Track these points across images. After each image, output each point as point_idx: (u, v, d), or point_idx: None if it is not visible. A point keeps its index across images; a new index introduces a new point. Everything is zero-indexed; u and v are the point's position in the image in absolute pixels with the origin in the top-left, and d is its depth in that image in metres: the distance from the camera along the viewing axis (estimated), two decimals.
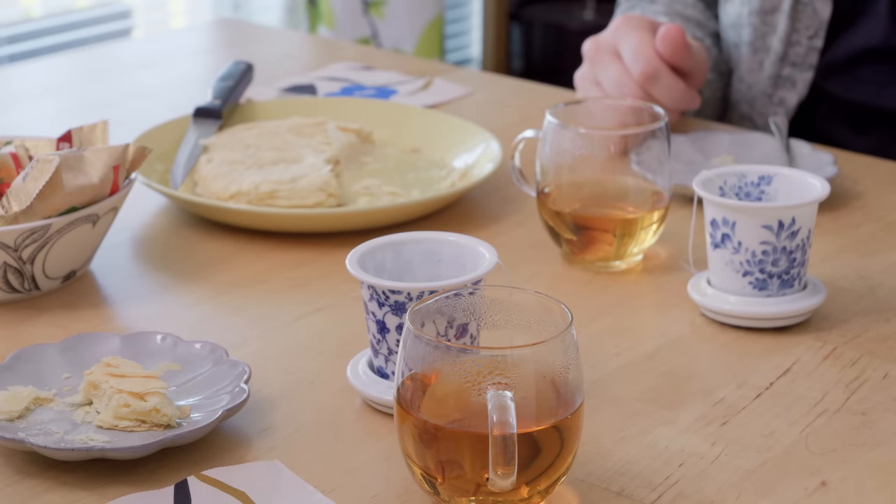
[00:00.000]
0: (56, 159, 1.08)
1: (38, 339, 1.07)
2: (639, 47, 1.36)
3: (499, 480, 0.80)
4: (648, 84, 1.35)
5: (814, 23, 1.49)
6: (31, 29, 3.07)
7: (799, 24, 1.49)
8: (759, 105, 1.54)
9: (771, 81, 1.51)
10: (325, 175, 1.27)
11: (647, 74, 1.35)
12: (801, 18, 1.49)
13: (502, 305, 0.88)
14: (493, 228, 1.27)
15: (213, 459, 0.91)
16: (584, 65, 1.42)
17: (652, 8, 1.58)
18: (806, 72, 1.50)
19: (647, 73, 1.35)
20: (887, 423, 0.97)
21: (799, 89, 1.52)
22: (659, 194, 1.18)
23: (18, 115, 1.57)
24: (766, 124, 1.54)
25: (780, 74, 1.51)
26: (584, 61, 1.41)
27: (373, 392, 0.96)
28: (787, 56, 1.49)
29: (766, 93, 1.52)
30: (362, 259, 0.97)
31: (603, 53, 1.38)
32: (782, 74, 1.50)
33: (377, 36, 3.36)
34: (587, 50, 1.40)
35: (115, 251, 1.22)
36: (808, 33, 1.49)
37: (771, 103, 1.53)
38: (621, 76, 1.37)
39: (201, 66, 1.76)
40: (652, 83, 1.36)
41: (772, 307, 1.08)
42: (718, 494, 0.89)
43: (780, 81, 1.51)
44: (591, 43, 1.40)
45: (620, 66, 1.37)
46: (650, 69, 1.35)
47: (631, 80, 1.36)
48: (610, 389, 1.00)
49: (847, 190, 1.35)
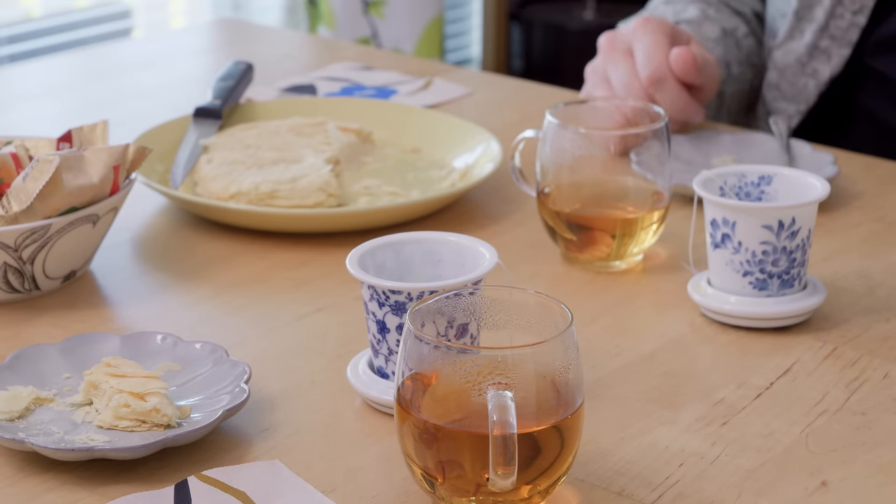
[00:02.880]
0: (56, 159, 1.08)
1: (38, 339, 1.07)
2: (651, 50, 1.37)
3: (499, 480, 0.80)
4: (653, 88, 1.37)
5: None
6: (31, 29, 3.07)
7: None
8: (790, 73, 1.54)
9: (807, 50, 1.52)
10: (325, 175, 1.27)
11: (653, 79, 1.37)
12: None
13: (502, 305, 0.88)
14: (493, 228, 1.27)
15: (213, 459, 0.91)
16: (597, 57, 1.43)
17: None
18: (844, 48, 1.50)
19: (654, 78, 1.37)
20: (887, 423, 0.97)
21: (833, 63, 1.52)
22: (659, 194, 1.18)
23: (18, 115, 1.57)
24: (795, 93, 1.54)
25: (817, 45, 1.51)
26: (599, 54, 1.42)
27: (373, 392, 0.96)
28: (827, 27, 1.50)
29: (800, 61, 1.53)
30: (362, 259, 0.97)
31: (617, 50, 1.40)
32: (820, 45, 1.51)
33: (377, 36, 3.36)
34: (603, 43, 1.41)
35: (115, 251, 1.22)
36: (853, 7, 1.49)
37: (803, 73, 1.53)
38: (630, 76, 1.38)
39: (201, 66, 1.76)
40: (657, 88, 1.37)
41: (772, 307, 1.08)
42: (718, 494, 0.89)
43: (816, 53, 1.51)
44: (608, 37, 1.41)
45: (631, 65, 1.39)
46: (658, 74, 1.37)
47: (638, 82, 1.38)
48: (610, 389, 1.00)
49: (847, 190, 1.35)
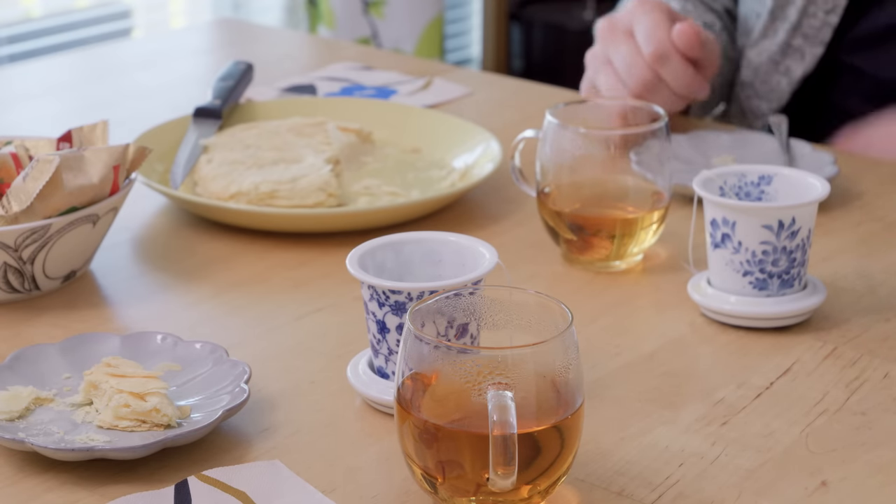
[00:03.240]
0: (56, 159, 1.08)
1: (38, 339, 1.07)
2: (652, 28, 1.37)
3: (499, 480, 0.80)
4: (658, 64, 1.36)
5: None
6: (31, 29, 3.07)
7: None
8: (763, 72, 1.54)
9: (780, 49, 1.52)
10: (325, 175, 1.27)
11: (657, 54, 1.36)
12: None
13: (502, 305, 0.88)
14: (493, 228, 1.27)
15: (213, 459, 0.91)
16: (596, 43, 1.42)
17: None
18: (817, 46, 1.51)
19: (658, 54, 1.36)
20: (887, 423, 0.97)
21: (807, 62, 1.52)
22: (659, 194, 1.18)
23: (18, 115, 1.57)
24: (768, 91, 1.54)
25: (790, 43, 1.51)
26: (597, 40, 1.42)
27: (373, 392, 0.96)
28: (800, 26, 1.50)
29: (773, 60, 1.53)
30: (362, 259, 0.97)
31: (617, 32, 1.39)
32: (793, 44, 1.51)
33: (377, 36, 3.36)
34: (600, 28, 1.41)
35: (115, 251, 1.22)
36: (825, 7, 1.50)
37: (776, 72, 1.53)
38: (633, 55, 1.37)
39: (201, 66, 1.76)
40: (662, 64, 1.36)
41: (772, 307, 1.08)
42: (718, 494, 0.89)
43: (789, 51, 1.52)
44: (605, 22, 1.41)
45: (633, 44, 1.38)
46: (661, 49, 1.36)
47: (642, 60, 1.37)
48: (610, 389, 1.00)
49: (847, 190, 1.35)
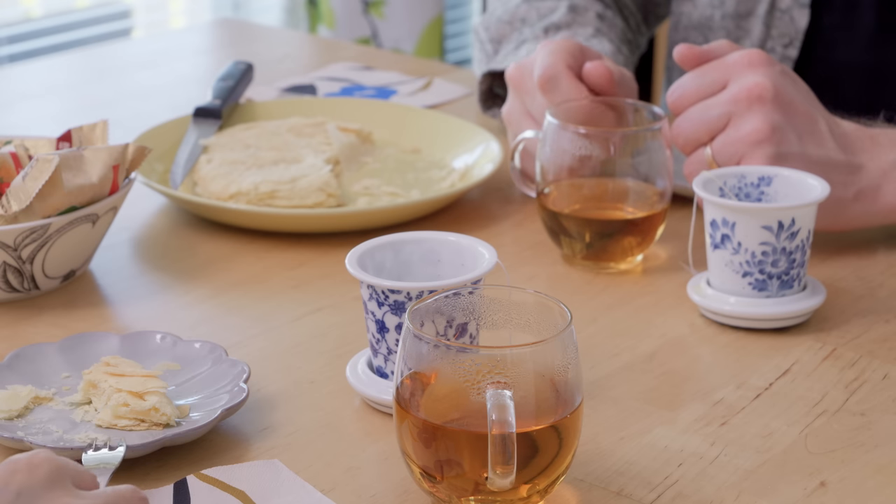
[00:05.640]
0: (56, 159, 1.08)
1: (37, 338, 1.07)
2: (545, 58, 1.24)
3: (498, 480, 0.80)
4: (546, 89, 1.23)
5: (790, 31, 1.44)
6: (31, 29, 3.06)
7: (774, 30, 1.44)
8: None
9: None
10: (325, 175, 1.27)
11: (545, 77, 1.23)
12: (777, 26, 1.44)
13: (502, 305, 0.88)
14: (493, 228, 1.27)
15: (212, 459, 0.91)
16: (509, 96, 1.30)
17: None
18: None
19: (546, 77, 1.23)
20: (887, 423, 0.97)
21: None
22: (659, 194, 1.18)
23: (18, 115, 1.57)
24: None
25: None
26: (509, 90, 1.29)
27: (372, 392, 0.96)
28: None
29: None
30: (362, 259, 0.97)
31: (526, 79, 1.27)
32: None
33: (377, 36, 3.36)
34: (510, 74, 1.28)
35: (114, 251, 1.22)
36: (783, 41, 1.44)
37: None
38: (546, 105, 1.23)
39: (201, 66, 1.76)
40: (550, 88, 1.23)
41: (771, 308, 1.08)
42: (718, 494, 0.89)
43: None
44: (514, 71, 1.28)
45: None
46: (549, 72, 1.23)
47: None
48: (610, 389, 1.00)
49: None
